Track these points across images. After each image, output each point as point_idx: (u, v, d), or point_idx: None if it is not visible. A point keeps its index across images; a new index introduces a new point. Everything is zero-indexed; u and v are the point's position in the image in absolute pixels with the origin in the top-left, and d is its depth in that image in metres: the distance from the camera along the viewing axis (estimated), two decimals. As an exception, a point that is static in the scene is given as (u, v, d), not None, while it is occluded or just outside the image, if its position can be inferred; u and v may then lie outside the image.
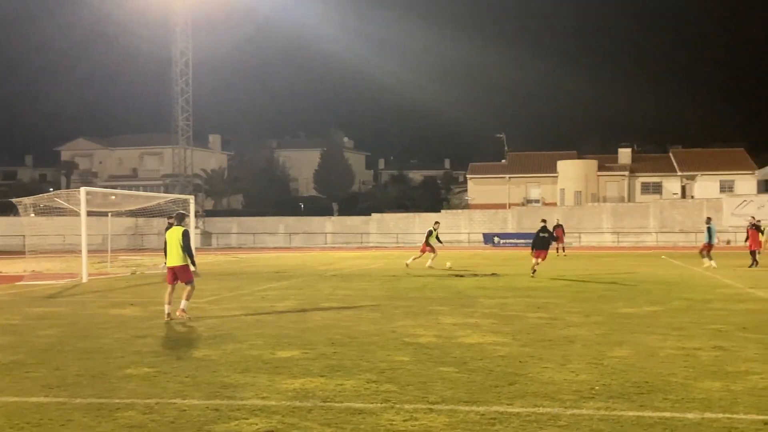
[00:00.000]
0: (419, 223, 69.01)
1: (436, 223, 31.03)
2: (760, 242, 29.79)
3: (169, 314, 13.97)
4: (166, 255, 14.54)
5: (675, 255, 43.01)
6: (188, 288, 14.12)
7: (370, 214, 71.65)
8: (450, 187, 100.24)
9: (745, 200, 64.11)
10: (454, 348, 10.55)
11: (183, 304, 14.02)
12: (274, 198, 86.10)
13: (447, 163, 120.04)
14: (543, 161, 79.40)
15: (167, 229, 15.67)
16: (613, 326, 12.67)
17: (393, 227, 69.16)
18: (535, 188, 78.56)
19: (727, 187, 74.01)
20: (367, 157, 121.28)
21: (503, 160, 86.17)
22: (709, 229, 30.17)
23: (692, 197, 72.12)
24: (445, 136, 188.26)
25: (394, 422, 6.71)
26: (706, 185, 74.90)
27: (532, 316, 14.07)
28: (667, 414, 6.86)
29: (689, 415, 6.78)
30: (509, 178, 78.97)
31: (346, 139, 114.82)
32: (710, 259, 28.60)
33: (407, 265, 29.83)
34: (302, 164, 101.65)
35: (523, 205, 75.30)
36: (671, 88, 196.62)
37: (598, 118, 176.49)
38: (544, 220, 26.76)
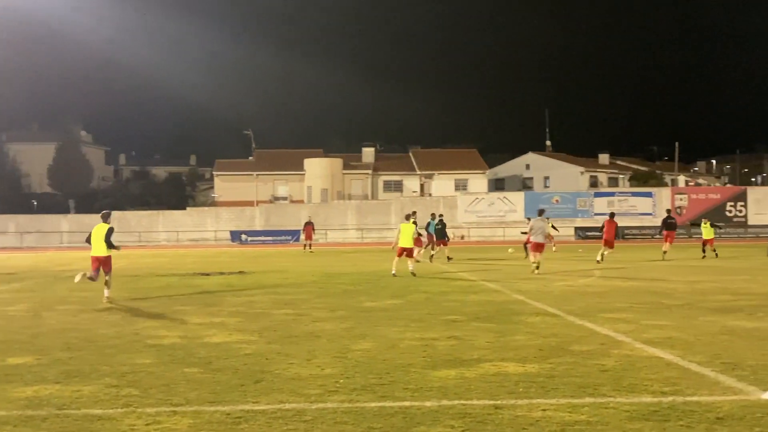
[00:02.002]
0: (163, 221, 67.20)
1: (414, 213, 30.31)
2: (614, 234, 31.03)
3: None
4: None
5: (415, 250, 44.90)
6: (108, 275, 16.82)
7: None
8: (196, 184, 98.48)
9: (477, 198, 68.34)
10: (200, 348, 10.34)
11: (107, 292, 16.67)
12: (2, 195, 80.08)
13: (193, 159, 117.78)
14: (290, 159, 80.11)
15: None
16: (357, 320, 13.00)
17: (135, 225, 66.75)
18: (283, 185, 79.13)
19: (461, 186, 78.57)
20: (107, 152, 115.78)
21: (251, 157, 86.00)
22: (428, 225, 32.15)
23: (430, 195, 75.89)
24: (191, 132, 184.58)
25: (135, 427, 6.45)
26: (442, 183, 79.14)
27: (278, 313, 14.12)
28: (407, 403, 7.11)
29: (427, 403, 7.08)
30: (257, 175, 78.95)
31: (84, 132, 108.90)
32: (433, 251, 30.62)
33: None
34: (35, 159, 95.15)
35: (270, 202, 75.60)
36: (412, 91, 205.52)
37: (344, 117, 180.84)
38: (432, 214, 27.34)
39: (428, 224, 33.28)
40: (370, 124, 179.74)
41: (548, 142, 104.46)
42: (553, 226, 38.26)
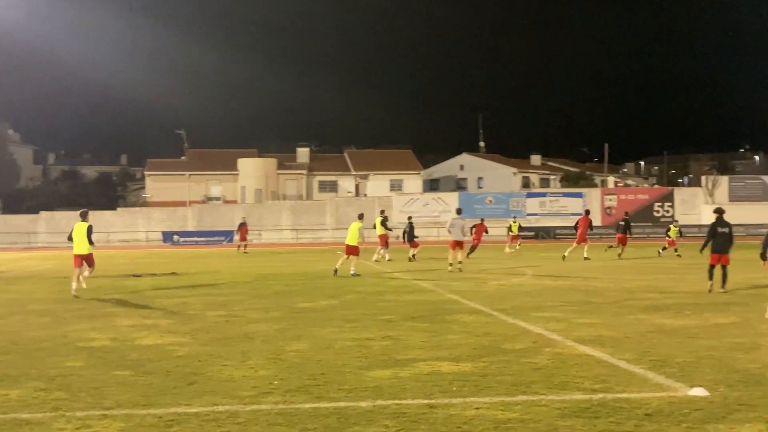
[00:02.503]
0: (92, 221, 65.83)
1: (382, 211, 29.72)
2: (586, 230, 31.03)
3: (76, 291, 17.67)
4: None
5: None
6: (91, 269, 19.01)
7: (38, 213, 66.92)
8: (127, 184, 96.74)
9: (412, 198, 68.68)
10: (131, 351, 10.17)
11: (83, 280, 18.73)
12: (-77, 194, 77.64)
13: (124, 159, 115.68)
14: (224, 159, 79.29)
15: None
16: (292, 321, 12.94)
17: (65, 226, 65.06)
18: (216, 186, 78.29)
19: (396, 186, 78.81)
20: (35, 151, 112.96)
21: (183, 157, 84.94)
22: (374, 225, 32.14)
23: (365, 195, 75.94)
24: (122, 131, 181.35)
25: (65, 431, 6.32)
26: (377, 184, 79.26)
27: (212, 315, 13.97)
28: (342, 404, 7.11)
29: (362, 404, 7.09)
30: (189, 175, 77.97)
31: (11, 131, 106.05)
32: (386, 251, 30.64)
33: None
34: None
35: (203, 202, 74.74)
36: (347, 91, 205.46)
37: (279, 117, 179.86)
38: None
39: (374, 225, 33.20)
40: (305, 124, 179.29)
41: (482, 144, 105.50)
42: (520, 226, 38.96)
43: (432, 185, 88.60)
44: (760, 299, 15.31)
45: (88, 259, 18.60)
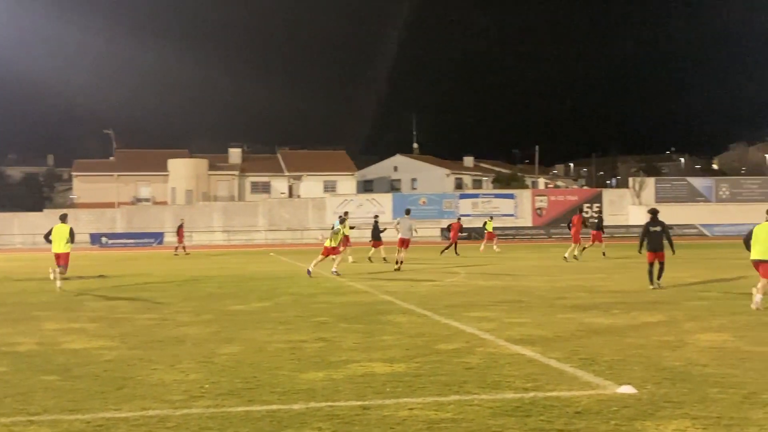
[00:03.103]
0: (18, 223, 64.32)
1: (345, 213, 29.12)
2: (580, 228, 31.14)
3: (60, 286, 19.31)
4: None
5: (283, 252, 44.78)
6: (63, 268, 19.80)
7: (-39, 214, 65.06)
8: (54, 185, 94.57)
9: (346, 199, 68.61)
10: (58, 355, 9.93)
11: (60, 277, 19.66)
12: None
13: (51, 159, 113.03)
14: (154, 159, 78.11)
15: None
16: (224, 324, 12.81)
17: (-11, 227, 63.53)
18: (146, 187, 77.09)
19: (330, 187, 78.68)
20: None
21: (111, 158, 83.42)
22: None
23: (299, 196, 75.66)
24: (49, 131, 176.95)
25: (-13, 440, 6.14)
26: (311, 185, 79.01)
27: (141, 318, 13.74)
28: (274, 407, 7.05)
29: (295, 406, 7.04)
30: (118, 176, 76.64)
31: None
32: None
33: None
34: None
35: (132, 203, 73.51)
36: (280, 90, 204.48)
37: (211, 117, 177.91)
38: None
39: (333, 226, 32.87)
40: (237, 124, 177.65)
41: (415, 145, 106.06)
42: (491, 226, 39.38)
43: (366, 186, 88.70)
44: (685, 298, 15.73)
45: (64, 259, 19.90)
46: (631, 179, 74.62)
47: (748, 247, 14.41)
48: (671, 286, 18.18)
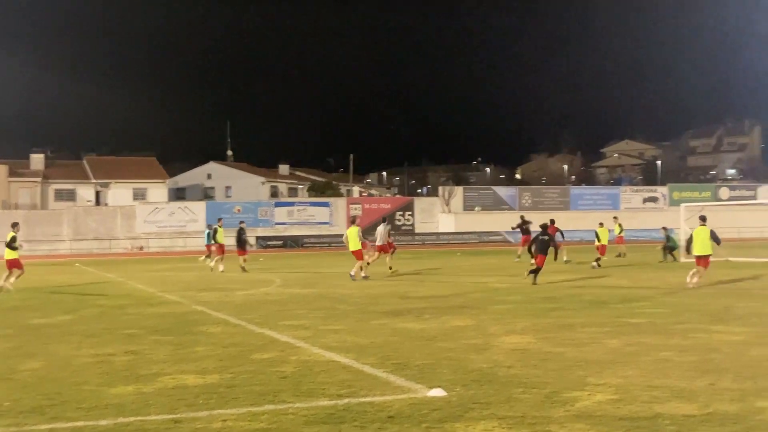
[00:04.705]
0: None
1: (219, 219, 28.32)
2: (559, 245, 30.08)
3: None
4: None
5: (89, 262, 42.97)
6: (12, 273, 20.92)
7: None
8: None
9: (157, 207, 66.78)
10: None
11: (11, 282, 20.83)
12: None
13: None
14: (-54, 165, 72.83)
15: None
16: (25, 338, 12.14)
17: None
18: (-63, 194, 71.71)
19: (140, 195, 76.24)
20: None
21: None
22: (215, 231, 30.67)
23: (106, 204, 72.86)
24: None
25: None
26: (120, 192, 76.26)
27: (-69, 335, 12.76)
28: (80, 423, 6.76)
29: (102, 422, 6.77)
30: None
31: None
32: (211, 260, 30.63)
33: None
34: None
35: None
36: (87, 92, 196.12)
37: (10, 120, 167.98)
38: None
39: (208, 233, 31.64)
40: (40, 128, 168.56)
41: (230, 152, 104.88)
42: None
43: (178, 194, 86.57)
44: (491, 302, 16.42)
45: (16, 264, 21.16)
46: (440, 188, 77.15)
47: (688, 249, 19.54)
48: (476, 292, 18.93)
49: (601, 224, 32.02)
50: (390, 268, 26.56)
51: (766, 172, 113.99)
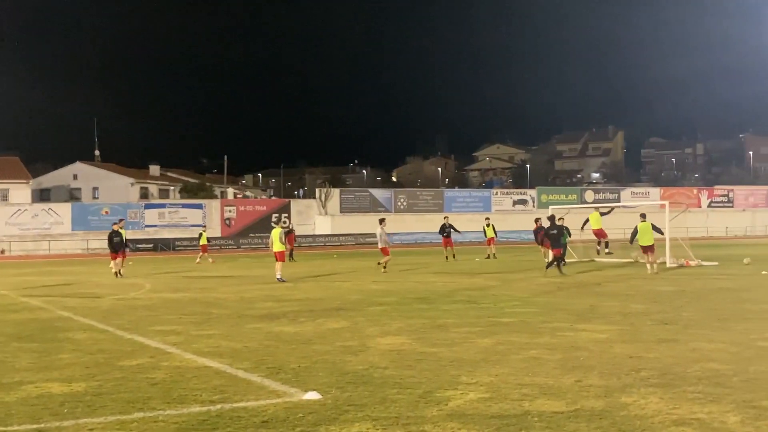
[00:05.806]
0: None
1: (120, 220, 28.51)
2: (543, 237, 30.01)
3: None
4: None
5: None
6: None
7: None
8: None
9: (19, 209, 64.10)
10: None
11: None
12: None
13: None
14: None
15: None
16: None
17: None
18: None
19: (1, 196, 72.97)
20: None
21: None
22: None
23: (-35, 206, 69.32)
24: None
25: None
26: (-21, 194, 72.69)
27: None
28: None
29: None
30: None
31: None
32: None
33: None
34: None
35: None
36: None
37: None
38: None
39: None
40: None
41: (97, 152, 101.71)
42: (205, 239, 38.26)
43: (43, 195, 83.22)
44: (367, 304, 16.50)
45: None
46: (317, 190, 77.08)
47: (632, 240, 24.50)
48: (354, 294, 18.98)
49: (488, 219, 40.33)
50: (378, 263, 28.45)
51: (629, 176, 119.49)
